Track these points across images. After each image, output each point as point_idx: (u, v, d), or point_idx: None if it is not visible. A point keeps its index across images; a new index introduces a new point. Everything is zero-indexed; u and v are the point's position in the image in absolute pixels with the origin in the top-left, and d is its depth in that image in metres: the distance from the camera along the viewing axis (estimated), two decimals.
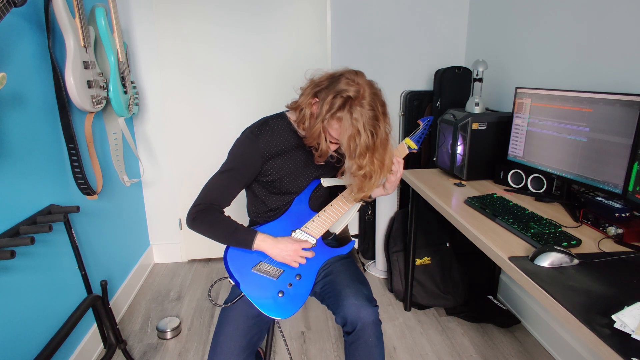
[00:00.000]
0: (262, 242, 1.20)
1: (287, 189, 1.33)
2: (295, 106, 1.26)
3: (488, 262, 2.23)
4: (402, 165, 1.33)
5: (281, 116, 1.31)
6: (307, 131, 1.22)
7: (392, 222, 2.36)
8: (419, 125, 1.48)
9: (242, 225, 1.23)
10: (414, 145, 1.42)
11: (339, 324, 1.20)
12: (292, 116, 1.30)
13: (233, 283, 1.20)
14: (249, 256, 1.22)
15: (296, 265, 1.23)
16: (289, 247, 1.21)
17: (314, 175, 1.36)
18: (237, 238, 1.20)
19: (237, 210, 2.84)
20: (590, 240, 1.25)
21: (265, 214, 1.37)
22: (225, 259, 1.21)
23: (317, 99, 1.18)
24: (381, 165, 1.18)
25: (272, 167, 1.28)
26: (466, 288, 2.23)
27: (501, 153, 1.80)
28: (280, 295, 1.19)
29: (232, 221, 1.22)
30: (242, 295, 1.19)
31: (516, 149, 1.72)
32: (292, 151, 1.30)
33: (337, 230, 1.43)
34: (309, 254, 1.24)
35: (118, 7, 1.94)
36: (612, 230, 1.25)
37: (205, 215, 1.21)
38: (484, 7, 2.34)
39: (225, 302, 1.23)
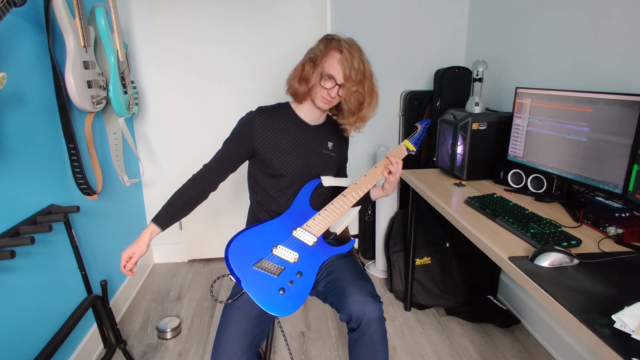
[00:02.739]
0: (145, 230, 1.27)
1: (282, 171, 1.37)
2: (290, 84, 1.40)
3: (488, 262, 2.23)
4: (400, 166, 1.35)
5: (285, 104, 1.44)
6: (301, 92, 1.35)
7: (392, 222, 2.36)
8: (417, 127, 1.51)
9: (165, 210, 1.30)
10: (412, 147, 1.45)
11: (344, 321, 1.20)
12: (294, 105, 1.43)
13: (234, 280, 1.20)
14: (251, 253, 1.22)
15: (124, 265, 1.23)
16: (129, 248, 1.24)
17: (311, 163, 1.41)
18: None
19: (238, 209, 2.83)
20: (590, 240, 1.25)
21: (268, 206, 1.40)
22: (226, 255, 1.22)
23: (304, 65, 1.36)
24: (371, 92, 1.37)
25: (265, 145, 1.35)
26: (466, 288, 2.23)
27: (501, 153, 1.80)
28: (281, 292, 1.19)
29: (173, 201, 1.31)
30: (243, 292, 1.19)
31: (516, 149, 1.72)
32: (288, 132, 1.38)
33: (338, 230, 1.43)
34: (128, 262, 1.23)
35: (118, 7, 1.94)
36: (612, 230, 1.25)
37: (188, 183, 1.33)
38: (484, 7, 2.34)
39: (227, 299, 1.24)
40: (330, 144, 1.46)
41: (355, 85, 1.29)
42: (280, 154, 1.36)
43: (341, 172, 1.58)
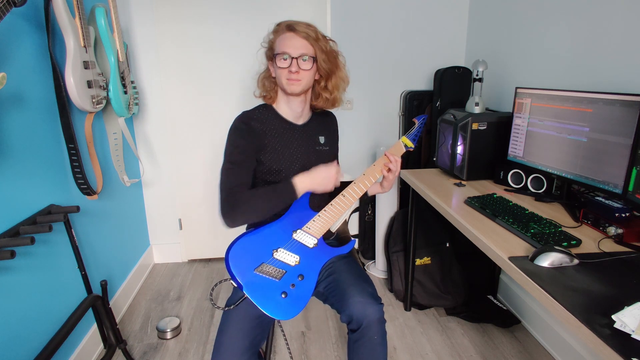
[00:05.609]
0: (302, 183, 1.25)
1: (280, 176, 1.35)
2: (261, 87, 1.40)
3: (488, 262, 2.23)
4: (399, 164, 1.34)
5: (266, 105, 1.40)
6: (269, 87, 1.36)
7: (392, 222, 2.36)
8: (415, 123, 1.48)
9: (273, 184, 1.28)
10: (410, 144, 1.43)
11: (344, 322, 1.20)
12: (273, 104, 1.39)
13: (235, 285, 1.19)
14: (251, 258, 1.21)
15: (331, 187, 1.28)
16: (324, 176, 1.26)
17: (307, 162, 1.39)
18: (279, 195, 1.24)
19: None
20: (590, 240, 1.25)
21: None
22: (226, 261, 1.21)
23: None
24: (331, 50, 1.33)
25: (266, 152, 1.32)
26: (466, 288, 2.23)
27: (501, 153, 1.80)
28: (283, 296, 1.18)
29: (262, 187, 1.27)
30: (245, 298, 1.19)
31: (516, 149, 1.72)
32: (279, 136, 1.35)
33: (334, 227, 1.43)
34: (338, 170, 1.30)
35: (118, 7, 1.93)
36: (612, 230, 1.25)
37: (234, 199, 1.23)
38: (484, 7, 2.34)
39: (228, 305, 1.23)
40: (321, 139, 1.45)
41: (317, 44, 1.28)
42: (279, 161, 1.34)
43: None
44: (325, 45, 1.31)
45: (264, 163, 1.33)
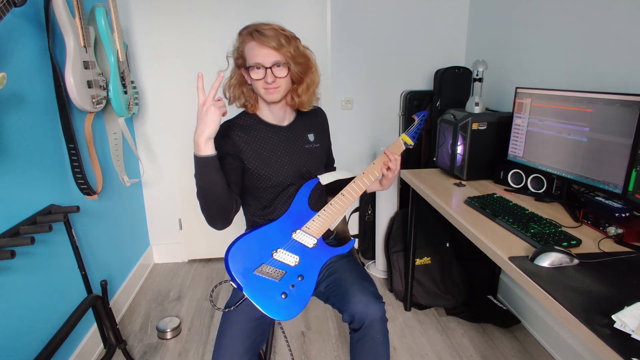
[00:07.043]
0: (196, 143, 1.13)
1: (273, 182, 1.32)
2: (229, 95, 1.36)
3: (488, 262, 2.23)
4: (399, 162, 1.33)
5: (244, 113, 1.37)
6: (248, 95, 1.32)
7: (392, 222, 2.36)
8: (414, 120, 1.47)
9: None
10: (410, 141, 1.40)
11: (346, 321, 1.20)
12: (256, 112, 1.36)
13: (235, 286, 1.19)
14: (251, 258, 1.21)
15: (216, 117, 1.15)
16: (199, 118, 1.16)
17: (298, 163, 1.36)
18: (195, 165, 1.16)
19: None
20: (590, 240, 1.25)
21: (261, 212, 1.38)
22: (226, 262, 1.21)
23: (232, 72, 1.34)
24: (304, 52, 1.28)
25: (249, 160, 1.29)
26: (466, 288, 2.23)
27: (501, 153, 1.80)
28: (283, 297, 1.18)
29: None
30: (245, 299, 1.19)
31: (516, 149, 1.72)
32: (266, 142, 1.32)
33: (332, 226, 1.42)
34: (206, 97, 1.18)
35: (118, 7, 1.94)
36: (612, 230, 1.25)
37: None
38: (484, 7, 2.34)
39: (228, 306, 1.23)
40: (311, 136, 1.40)
41: (286, 50, 1.21)
42: (267, 166, 1.31)
43: (329, 160, 1.55)
44: (294, 48, 1.24)
45: (251, 170, 1.30)
